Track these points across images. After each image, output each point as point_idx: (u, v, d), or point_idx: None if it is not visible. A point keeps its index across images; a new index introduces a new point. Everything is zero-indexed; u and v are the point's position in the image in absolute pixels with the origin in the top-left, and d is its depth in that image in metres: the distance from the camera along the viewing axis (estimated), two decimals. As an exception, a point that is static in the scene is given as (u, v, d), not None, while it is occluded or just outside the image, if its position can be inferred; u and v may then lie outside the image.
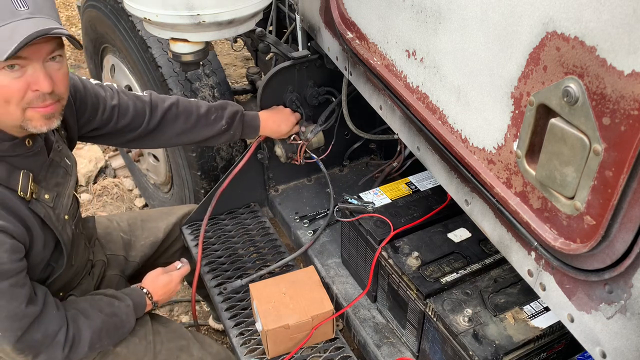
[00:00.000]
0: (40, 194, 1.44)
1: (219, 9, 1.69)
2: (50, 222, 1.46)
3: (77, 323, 1.50)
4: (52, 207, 1.48)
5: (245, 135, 1.96)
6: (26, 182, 1.39)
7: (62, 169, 1.53)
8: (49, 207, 1.46)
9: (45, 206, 1.45)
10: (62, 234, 1.51)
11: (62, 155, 1.55)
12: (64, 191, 1.53)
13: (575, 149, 0.88)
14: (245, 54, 4.57)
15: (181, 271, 1.86)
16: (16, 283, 1.36)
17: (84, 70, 4.43)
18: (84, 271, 1.75)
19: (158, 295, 1.77)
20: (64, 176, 1.54)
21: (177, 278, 1.83)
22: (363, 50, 1.52)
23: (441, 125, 1.25)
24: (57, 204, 1.50)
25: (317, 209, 2.19)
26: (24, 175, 1.39)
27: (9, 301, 1.35)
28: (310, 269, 1.85)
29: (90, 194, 3.41)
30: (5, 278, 1.33)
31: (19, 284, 1.37)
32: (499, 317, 1.37)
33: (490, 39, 1.03)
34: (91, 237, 1.88)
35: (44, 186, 1.46)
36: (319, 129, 2.07)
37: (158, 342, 1.73)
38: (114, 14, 2.51)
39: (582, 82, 0.84)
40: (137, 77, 2.59)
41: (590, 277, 0.93)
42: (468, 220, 1.60)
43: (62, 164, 1.54)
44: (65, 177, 1.55)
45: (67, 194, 1.56)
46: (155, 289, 1.77)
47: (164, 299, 1.81)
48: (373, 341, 1.67)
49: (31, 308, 1.40)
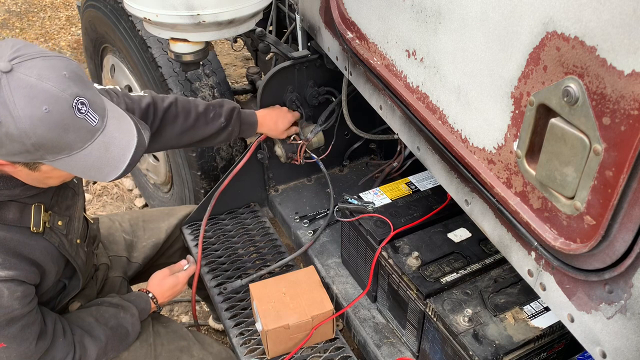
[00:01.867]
0: (53, 222, 1.41)
1: (219, 9, 1.69)
2: (64, 250, 1.44)
3: (83, 344, 1.50)
4: (65, 234, 1.46)
5: (244, 132, 1.92)
6: (38, 216, 1.36)
7: (70, 190, 1.51)
8: (62, 235, 1.44)
9: (59, 234, 1.43)
10: (76, 260, 1.51)
11: None
12: (74, 214, 1.52)
13: (575, 149, 0.88)
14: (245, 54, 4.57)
15: (188, 271, 1.85)
16: (27, 323, 1.35)
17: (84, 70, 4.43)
18: (88, 277, 1.75)
19: (163, 298, 1.77)
20: (73, 197, 1.52)
21: (183, 279, 1.83)
22: (363, 50, 1.52)
23: (441, 125, 1.25)
24: (70, 230, 1.48)
25: (317, 209, 2.19)
26: (35, 209, 1.36)
27: (20, 343, 1.34)
28: (310, 269, 1.85)
29: (90, 194, 3.41)
30: (16, 322, 1.32)
31: (29, 323, 1.36)
32: (499, 317, 1.37)
33: (490, 39, 1.03)
34: (95, 239, 1.87)
35: (57, 211, 1.43)
36: (319, 129, 2.08)
37: (159, 344, 1.73)
38: (114, 14, 2.51)
39: (582, 82, 0.84)
40: (137, 77, 2.59)
41: (590, 277, 0.93)
42: (468, 220, 1.60)
43: (70, 184, 1.51)
44: (74, 198, 1.53)
45: (78, 217, 1.55)
46: (162, 292, 1.77)
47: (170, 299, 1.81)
48: (373, 341, 1.67)
49: (41, 344, 1.39)
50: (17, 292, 1.29)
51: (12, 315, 1.30)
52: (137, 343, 1.70)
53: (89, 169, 1.20)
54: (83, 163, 1.18)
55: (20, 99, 1.07)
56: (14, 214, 1.32)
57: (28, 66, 1.09)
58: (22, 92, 1.07)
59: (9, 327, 1.31)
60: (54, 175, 1.26)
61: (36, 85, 1.08)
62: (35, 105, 1.08)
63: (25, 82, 1.08)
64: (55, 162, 1.16)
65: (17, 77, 1.08)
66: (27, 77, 1.08)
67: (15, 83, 1.07)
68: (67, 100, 1.11)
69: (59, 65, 1.13)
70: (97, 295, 1.78)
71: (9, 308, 1.28)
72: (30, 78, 1.08)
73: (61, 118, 1.11)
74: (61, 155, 1.15)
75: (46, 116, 1.09)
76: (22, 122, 1.07)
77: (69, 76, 1.13)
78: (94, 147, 1.18)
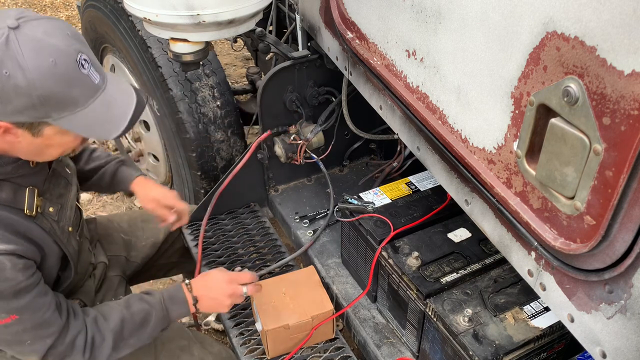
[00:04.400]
0: (45, 208, 1.42)
1: (219, 9, 1.69)
2: (55, 236, 1.45)
3: (97, 325, 1.47)
4: (57, 221, 1.46)
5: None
6: (32, 199, 1.38)
7: (63, 179, 1.52)
8: (53, 221, 1.45)
9: (50, 220, 1.44)
10: (67, 247, 1.50)
11: (63, 164, 1.55)
12: (66, 203, 1.52)
13: (575, 149, 0.88)
14: (245, 54, 4.57)
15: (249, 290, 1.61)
16: (38, 293, 1.35)
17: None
18: (86, 275, 1.75)
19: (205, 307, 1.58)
20: (66, 186, 1.53)
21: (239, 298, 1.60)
22: (363, 50, 1.52)
23: (441, 125, 1.25)
24: (61, 217, 1.49)
25: (317, 209, 2.19)
26: (29, 192, 1.37)
27: (34, 312, 1.34)
28: (310, 269, 1.85)
29: (90, 194, 3.40)
30: (27, 292, 1.33)
31: (40, 293, 1.36)
32: (499, 317, 1.37)
33: (490, 39, 1.03)
34: (92, 239, 1.87)
35: (49, 198, 1.45)
36: (319, 129, 2.08)
37: (159, 342, 1.73)
38: (114, 14, 2.51)
39: (582, 82, 0.84)
40: (137, 77, 2.59)
41: (590, 277, 0.93)
42: (468, 220, 1.60)
43: (63, 173, 1.53)
44: (67, 187, 1.54)
45: (70, 205, 1.55)
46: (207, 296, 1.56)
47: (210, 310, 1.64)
48: (373, 341, 1.67)
49: (57, 314, 1.38)
50: (19, 265, 1.30)
51: (18, 288, 1.30)
52: None
53: (92, 126, 1.24)
54: (86, 121, 1.22)
55: (28, 52, 1.12)
56: (7, 194, 1.33)
57: (34, 25, 1.16)
58: (30, 45, 1.13)
59: (17, 299, 1.31)
60: (54, 143, 1.28)
61: (43, 39, 1.14)
62: (42, 57, 1.13)
63: (32, 37, 1.13)
64: (59, 121, 1.20)
65: (25, 32, 1.13)
66: (34, 32, 1.14)
67: (23, 38, 1.12)
68: (72, 55, 1.17)
69: (62, 26, 1.21)
70: (95, 293, 1.78)
71: (14, 280, 1.29)
72: (36, 34, 1.14)
73: (67, 71, 1.16)
74: (65, 112, 1.19)
75: (53, 68, 1.14)
76: (31, 73, 1.12)
77: (71, 35, 1.20)
78: (96, 105, 1.22)
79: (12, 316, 1.31)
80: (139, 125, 2.75)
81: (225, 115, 2.42)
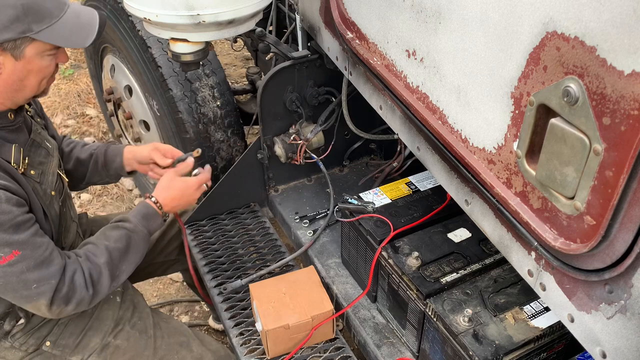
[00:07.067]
0: (27, 170, 1.49)
1: (219, 9, 1.69)
2: (38, 196, 1.50)
3: (89, 261, 1.52)
4: (39, 183, 1.53)
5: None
6: (18, 155, 1.46)
7: (43, 150, 1.59)
8: (35, 182, 1.51)
9: (33, 181, 1.50)
10: (49, 209, 1.55)
11: (42, 138, 1.61)
12: (47, 169, 1.58)
13: (575, 149, 0.88)
14: (245, 54, 4.58)
15: (199, 178, 1.77)
16: (36, 232, 1.41)
17: (84, 70, 4.43)
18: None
19: (169, 206, 1.71)
20: (46, 156, 1.59)
21: (194, 184, 1.74)
22: (363, 50, 1.52)
23: (441, 125, 1.25)
24: (43, 180, 1.55)
25: (317, 209, 2.19)
26: (15, 148, 1.46)
27: (34, 249, 1.39)
28: (310, 269, 1.85)
29: (90, 194, 3.41)
30: (25, 229, 1.38)
31: (39, 233, 1.42)
32: (499, 317, 1.37)
33: (490, 39, 1.03)
34: (85, 232, 1.90)
35: (30, 162, 1.51)
36: (319, 129, 2.08)
37: (159, 336, 1.74)
38: (114, 14, 2.51)
39: (582, 82, 0.84)
40: (137, 77, 2.59)
41: (590, 277, 0.93)
42: (468, 220, 1.60)
43: (43, 145, 1.60)
44: (47, 157, 1.60)
45: (52, 172, 1.60)
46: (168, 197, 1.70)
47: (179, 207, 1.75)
48: (373, 341, 1.67)
49: (56, 254, 1.44)
50: (12, 199, 1.36)
51: (16, 222, 1.36)
52: (136, 334, 1.70)
53: (69, 36, 1.39)
54: (62, 31, 1.37)
55: None
56: None
57: None
58: None
59: (16, 233, 1.36)
60: (34, 67, 1.39)
61: None
62: None
63: None
64: (40, 34, 1.34)
65: None
66: None
67: None
68: None
69: None
70: None
71: (11, 213, 1.34)
72: None
73: None
74: (43, 24, 1.34)
75: None
76: None
77: None
78: (68, 16, 1.39)
79: (14, 251, 1.36)
80: (139, 125, 2.75)
81: (225, 115, 2.42)
